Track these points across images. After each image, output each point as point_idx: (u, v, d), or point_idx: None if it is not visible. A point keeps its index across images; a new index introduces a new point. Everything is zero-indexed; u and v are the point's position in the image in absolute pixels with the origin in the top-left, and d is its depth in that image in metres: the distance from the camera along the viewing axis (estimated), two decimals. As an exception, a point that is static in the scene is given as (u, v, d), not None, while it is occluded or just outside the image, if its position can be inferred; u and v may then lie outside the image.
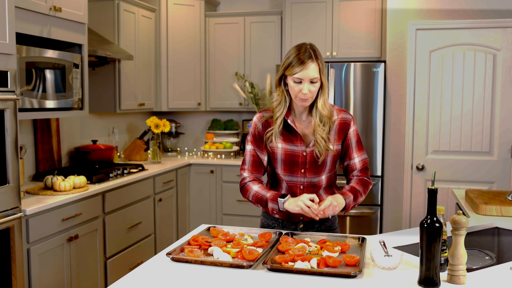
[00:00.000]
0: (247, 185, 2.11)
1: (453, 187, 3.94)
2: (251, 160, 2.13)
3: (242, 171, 2.16)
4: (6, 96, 2.37)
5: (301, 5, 4.42)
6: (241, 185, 2.14)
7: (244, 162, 2.16)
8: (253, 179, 2.12)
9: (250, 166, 2.13)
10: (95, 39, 3.65)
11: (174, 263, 1.75)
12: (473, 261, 1.91)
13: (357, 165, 2.12)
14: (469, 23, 3.87)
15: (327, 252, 1.78)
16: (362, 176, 2.13)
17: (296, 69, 1.94)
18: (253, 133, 2.14)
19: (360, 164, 2.13)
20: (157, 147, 4.40)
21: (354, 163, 2.13)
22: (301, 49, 1.97)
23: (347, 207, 2.01)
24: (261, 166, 2.14)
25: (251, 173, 2.13)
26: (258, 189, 2.08)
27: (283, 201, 1.98)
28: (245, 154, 2.16)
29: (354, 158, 2.12)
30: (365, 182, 2.12)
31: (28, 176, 3.39)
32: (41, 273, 2.70)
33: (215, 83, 4.87)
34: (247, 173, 2.13)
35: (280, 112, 2.06)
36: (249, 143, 2.15)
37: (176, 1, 4.66)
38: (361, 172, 2.13)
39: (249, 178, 2.12)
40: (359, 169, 2.13)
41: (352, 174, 2.14)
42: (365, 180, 2.12)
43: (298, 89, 1.97)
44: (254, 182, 2.11)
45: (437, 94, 3.97)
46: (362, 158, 2.13)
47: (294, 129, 2.07)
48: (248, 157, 2.14)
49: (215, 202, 4.63)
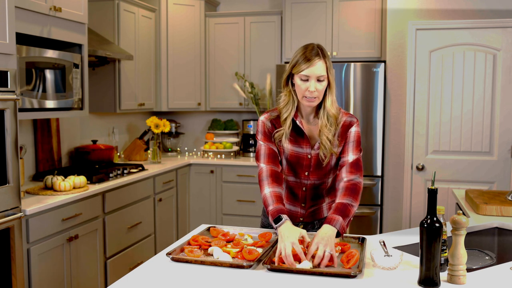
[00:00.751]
0: (262, 182, 2.01)
1: (453, 187, 3.94)
2: (266, 153, 2.05)
3: (258, 162, 2.07)
4: (6, 96, 2.37)
5: (301, 5, 4.42)
6: (259, 179, 2.04)
7: (259, 155, 2.07)
8: (269, 170, 2.01)
9: (266, 157, 2.05)
10: (95, 39, 3.65)
11: (174, 263, 1.75)
12: (473, 261, 1.91)
13: (348, 161, 2.01)
14: (469, 23, 3.87)
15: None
16: (351, 174, 1.99)
17: (302, 66, 1.92)
18: (263, 131, 2.08)
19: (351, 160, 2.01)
20: (157, 147, 4.40)
21: (346, 160, 2.02)
22: (308, 48, 1.96)
23: (341, 230, 1.83)
24: (277, 158, 2.06)
25: (267, 164, 2.03)
26: (267, 194, 1.96)
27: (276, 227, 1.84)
28: (259, 149, 2.08)
29: (347, 156, 2.02)
30: (353, 187, 1.96)
31: (28, 176, 3.39)
32: (41, 273, 2.69)
33: (215, 83, 4.87)
34: (264, 164, 2.04)
35: (288, 112, 2.02)
36: (261, 140, 2.08)
37: (176, 1, 4.66)
38: (351, 167, 2.00)
39: (265, 169, 2.02)
40: (349, 164, 2.00)
41: (342, 170, 2.02)
42: (353, 184, 1.97)
43: (304, 87, 1.93)
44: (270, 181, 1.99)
45: (437, 94, 3.97)
46: (355, 157, 2.02)
47: (302, 130, 2.03)
48: (263, 150, 2.06)
49: (215, 202, 4.63)
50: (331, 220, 1.84)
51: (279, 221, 1.84)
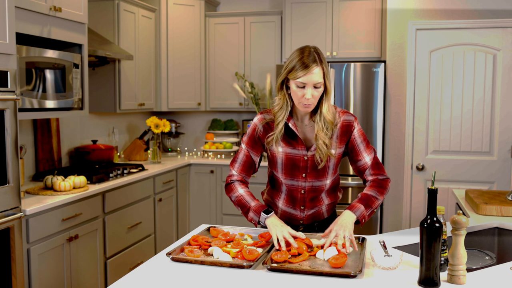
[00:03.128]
0: (233, 185, 2.08)
1: (453, 187, 3.94)
2: (243, 160, 2.10)
3: (232, 168, 2.13)
4: (6, 96, 2.37)
5: (301, 5, 4.42)
6: (227, 182, 2.12)
7: (235, 160, 2.12)
8: (240, 179, 2.09)
9: (241, 165, 2.10)
10: (95, 39, 3.65)
11: (174, 263, 1.75)
12: (473, 261, 1.91)
13: (368, 164, 2.04)
14: (469, 23, 3.87)
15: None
16: (375, 175, 2.05)
17: (299, 73, 1.87)
18: (250, 134, 2.09)
19: (370, 162, 2.04)
20: (157, 147, 4.40)
21: (365, 163, 2.05)
22: (304, 52, 1.90)
23: (360, 218, 1.90)
24: (252, 168, 2.11)
25: (240, 173, 2.10)
26: (244, 193, 2.04)
27: (266, 217, 1.92)
28: (238, 152, 2.13)
29: (364, 158, 2.04)
30: (380, 182, 2.03)
31: (28, 176, 3.39)
32: (41, 273, 2.70)
33: (215, 83, 4.87)
34: (236, 172, 2.10)
35: (281, 117, 2.00)
36: (244, 143, 2.11)
37: (176, 1, 4.66)
38: (373, 169, 2.04)
39: (236, 177, 2.09)
40: (370, 167, 2.04)
41: (365, 174, 2.06)
42: (379, 181, 2.03)
43: (301, 94, 1.90)
44: (241, 184, 2.08)
45: (437, 94, 3.97)
46: (372, 156, 2.06)
47: (295, 133, 2.02)
48: (241, 156, 2.11)
49: (215, 202, 4.63)
50: (353, 207, 1.92)
51: (268, 213, 1.93)
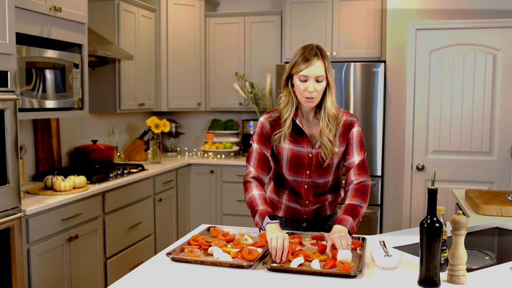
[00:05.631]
0: (250, 185, 2.06)
1: (453, 187, 3.94)
2: (257, 158, 2.09)
3: (248, 164, 2.11)
4: (6, 96, 2.37)
5: (301, 5, 4.42)
6: (245, 180, 2.09)
7: (249, 158, 2.11)
8: (257, 176, 2.06)
9: (256, 161, 2.08)
10: (95, 39, 3.65)
11: (174, 263, 1.75)
12: (473, 261, 1.91)
13: (354, 163, 2.06)
14: (469, 23, 3.87)
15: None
16: (359, 175, 2.05)
17: (301, 67, 1.94)
18: (259, 133, 2.10)
19: (357, 162, 2.06)
20: (157, 147, 4.40)
21: (352, 161, 2.06)
22: (306, 48, 1.98)
23: (351, 230, 1.90)
24: (266, 164, 2.10)
25: (256, 169, 2.07)
26: (256, 196, 2.01)
27: (268, 222, 1.90)
28: (251, 152, 2.12)
29: (354, 157, 2.07)
30: (362, 187, 2.03)
31: (28, 176, 3.39)
32: (41, 273, 2.69)
33: (215, 83, 4.87)
34: (253, 168, 2.08)
35: (288, 113, 2.04)
36: (255, 142, 2.11)
37: (176, 1, 4.66)
38: (358, 169, 2.05)
39: (254, 173, 2.07)
40: (356, 167, 2.05)
41: (349, 173, 2.07)
42: (362, 185, 2.03)
43: (303, 88, 1.95)
44: (257, 184, 2.05)
45: (437, 94, 3.97)
46: (361, 158, 2.07)
47: (302, 129, 2.05)
48: (254, 155, 2.10)
49: (215, 202, 4.63)
50: (342, 220, 1.91)
51: (273, 219, 1.90)
